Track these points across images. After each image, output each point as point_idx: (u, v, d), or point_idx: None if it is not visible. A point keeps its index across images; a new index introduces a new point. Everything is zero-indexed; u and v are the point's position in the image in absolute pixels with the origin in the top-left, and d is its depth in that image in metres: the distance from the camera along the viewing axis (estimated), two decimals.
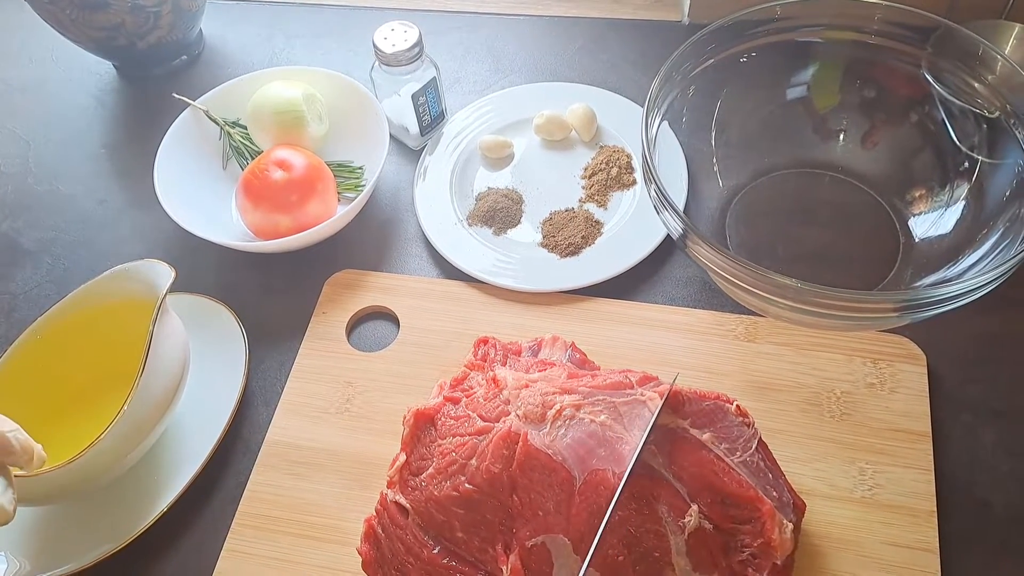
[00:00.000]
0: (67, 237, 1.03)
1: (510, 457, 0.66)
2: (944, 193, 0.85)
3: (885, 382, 0.79)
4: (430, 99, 1.00)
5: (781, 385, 0.80)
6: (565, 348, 0.78)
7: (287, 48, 1.20)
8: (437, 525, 0.68)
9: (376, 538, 0.70)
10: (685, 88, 0.85)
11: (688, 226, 0.72)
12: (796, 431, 0.77)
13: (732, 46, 0.85)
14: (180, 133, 0.99)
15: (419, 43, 0.95)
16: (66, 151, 1.12)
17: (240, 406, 0.83)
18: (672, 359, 0.82)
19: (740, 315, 0.84)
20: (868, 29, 0.84)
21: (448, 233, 0.94)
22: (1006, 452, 0.76)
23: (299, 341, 0.88)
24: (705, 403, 0.69)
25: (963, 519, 0.72)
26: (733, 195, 0.93)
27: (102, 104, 1.17)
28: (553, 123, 1.01)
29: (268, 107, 0.97)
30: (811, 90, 0.90)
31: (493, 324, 0.87)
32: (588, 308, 0.87)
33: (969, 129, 0.83)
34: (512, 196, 0.97)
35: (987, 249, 0.76)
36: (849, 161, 0.92)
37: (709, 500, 0.65)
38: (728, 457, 0.66)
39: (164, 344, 0.76)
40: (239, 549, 0.75)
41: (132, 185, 1.06)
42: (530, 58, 1.13)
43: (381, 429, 0.80)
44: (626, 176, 0.97)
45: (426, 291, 0.90)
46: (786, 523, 0.65)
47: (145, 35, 1.10)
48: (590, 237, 0.92)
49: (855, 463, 0.75)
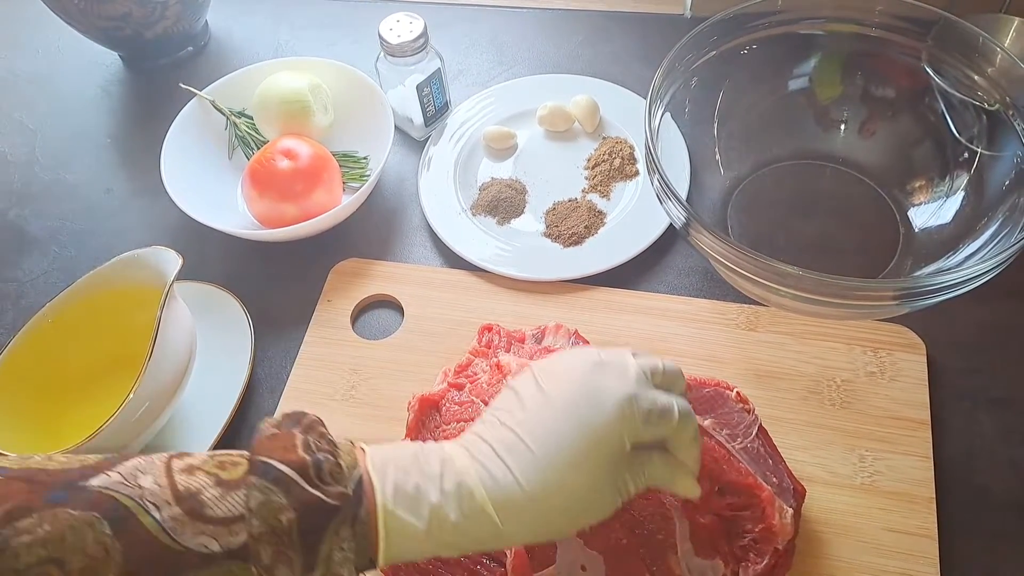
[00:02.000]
0: (74, 225, 1.03)
1: None
2: (944, 184, 0.86)
3: (885, 370, 0.79)
4: (435, 90, 1.00)
5: (782, 373, 0.80)
6: (568, 336, 0.78)
7: (293, 39, 1.20)
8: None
9: None
10: (687, 80, 0.86)
11: (691, 215, 0.73)
12: (797, 419, 0.78)
13: (734, 38, 0.86)
14: (186, 123, 1.00)
15: (424, 34, 0.96)
16: (73, 141, 1.13)
17: (246, 393, 0.84)
18: (674, 347, 0.83)
19: (741, 304, 0.85)
20: (869, 22, 0.85)
21: (452, 223, 0.95)
22: (1005, 440, 0.77)
23: (304, 329, 0.89)
24: (706, 390, 0.70)
25: (962, 506, 0.73)
26: (735, 186, 0.93)
27: (108, 94, 1.18)
28: (556, 114, 1.01)
29: (274, 97, 0.98)
30: (812, 82, 0.91)
31: (496, 313, 0.87)
32: (591, 297, 0.88)
33: (969, 121, 0.84)
34: (515, 186, 0.98)
35: (986, 238, 0.76)
36: (850, 152, 0.92)
37: (708, 487, 0.66)
38: (729, 443, 0.67)
39: (171, 330, 0.77)
40: None
41: (138, 174, 1.07)
42: (533, 50, 1.14)
43: (386, 416, 0.81)
44: (628, 167, 0.98)
45: (430, 280, 0.91)
46: (786, 508, 0.65)
47: (152, 25, 1.11)
48: (593, 227, 0.93)
49: (855, 450, 0.75)
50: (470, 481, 0.52)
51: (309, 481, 0.48)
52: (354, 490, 0.50)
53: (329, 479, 0.49)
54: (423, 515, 0.51)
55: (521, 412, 0.55)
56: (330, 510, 0.48)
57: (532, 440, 0.53)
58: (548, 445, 0.53)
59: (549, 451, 0.53)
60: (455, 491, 0.51)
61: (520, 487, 0.52)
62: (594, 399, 0.54)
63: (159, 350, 0.74)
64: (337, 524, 0.48)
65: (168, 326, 0.76)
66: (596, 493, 0.54)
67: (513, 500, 0.52)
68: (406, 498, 0.51)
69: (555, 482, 0.52)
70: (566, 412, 0.54)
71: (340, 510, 0.48)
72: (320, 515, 0.48)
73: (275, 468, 0.48)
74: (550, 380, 0.56)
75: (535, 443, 0.53)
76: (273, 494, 0.47)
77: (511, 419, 0.55)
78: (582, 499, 0.53)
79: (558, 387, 0.55)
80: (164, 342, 0.75)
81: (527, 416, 0.54)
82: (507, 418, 0.55)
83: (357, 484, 0.50)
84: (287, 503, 0.47)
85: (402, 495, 0.51)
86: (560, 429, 0.53)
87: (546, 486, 0.52)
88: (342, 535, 0.48)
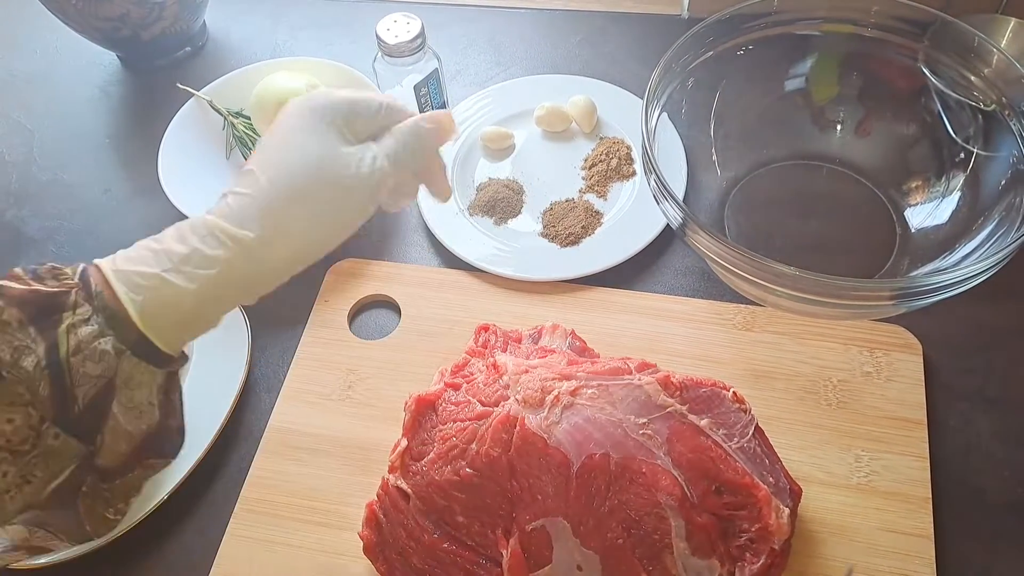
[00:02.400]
0: (71, 226, 1.03)
1: (508, 441, 0.67)
2: (940, 184, 0.86)
3: (881, 371, 0.79)
4: (432, 90, 1.00)
5: (778, 373, 0.80)
6: (565, 336, 0.78)
7: (290, 39, 1.20)
8: (438, 510, 0.69)
9: (377, 523, 0.71)
10: (684, 80, 0.86)
11: (688, 215, 0.73)
12: (793, 419, 0.78)
13: (730, 39, 0.86)
14: (184, 123, 1.00)
15: (421, 35, 0.96)
16: (71, 141, 1.13)
17: (243, 393, 0.84)
18: (670, 347, 0.83)
19: (738, 304, 0.85)
20: (865, 22, 0.85)
21: (449, 223, 0.95)
22: (1000, 440, 0.77)
23: (301, 329, 0.89)
24: (703, 390, 0.70)
25: (958, 506, 0.73)
26: (732, 186, 0.93)
27: (106, 94, 1.18)
28: (554, 114, 1.02)
29: (271, 97, 0.98)
30: (809, 82, 0.91)
31: (493, 313, 0.87)
32: (588, 297, 0.88)
33: (965, 121, 0.84)
34: (513, 186, 0.98)
35: (982, 239, 0.76)
36: (846, 153, 0.93)
37: (705, 486, 0.66)
38: (726, 443, 0.67)
39: None
40: (242, 533, 0.76)
41: (136, 174, 1.07)
42: (531, 50, 1.14)
43: (383, 415, 0.81)
44: (626, 167, 0.98)
45: (427, 280, 0.91)
46: (782, 508, 0.65)
47: (149, 26, 1.11)
48: (590, 227, 0.93)
49: (851, 450, 0.76)
50: (200, 217, 0.54)
51: (24, 284, 0.50)
52: (80, 275, 0.51)
53: (50, 280, 0.51)
54: (154, 261, 0.52)
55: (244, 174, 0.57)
56: (55, 295, 0.50)
57: (256, 165, 0.56)
58: (268, 159, 0.56)
59: (269, 159, 0.55)
60: (184, 233, 0.53)
61: (251, 197, 0.54)
62: (299, 110, 0.57)
63: None
64: (72, 305, 0.50)
65: None
66: (324, 177, 0.56)
67: (245, 210, 0.54)
68: (133, 259, 0.52)
69: (283, 177, 0.55)
70: (279, 136, 0.57)
71: (67, 294, 0.50)
72: (46, 302, 0.49)
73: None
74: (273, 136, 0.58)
75: (257, 165, 0.55)
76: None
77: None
78: (312, 185, 0.55)
79: (271, 134, 0.58)
80: None
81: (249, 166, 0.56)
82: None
83: (82, 272, 0.52)
84: (3, 305, 0.49)
85: (128, 259, 0.52)
86: (275, 145, 0.56)
87: (273, 184, 0.54)
88: (80, 312, 0.50)
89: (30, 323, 0.49)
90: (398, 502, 0.71)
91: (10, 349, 0.48)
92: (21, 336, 0.48)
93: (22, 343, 0.48)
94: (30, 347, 0.48)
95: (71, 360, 0.49)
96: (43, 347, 0.48)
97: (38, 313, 0.49)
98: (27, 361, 0.48)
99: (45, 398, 0.48)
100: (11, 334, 0.48)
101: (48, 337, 0.49)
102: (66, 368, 0.49)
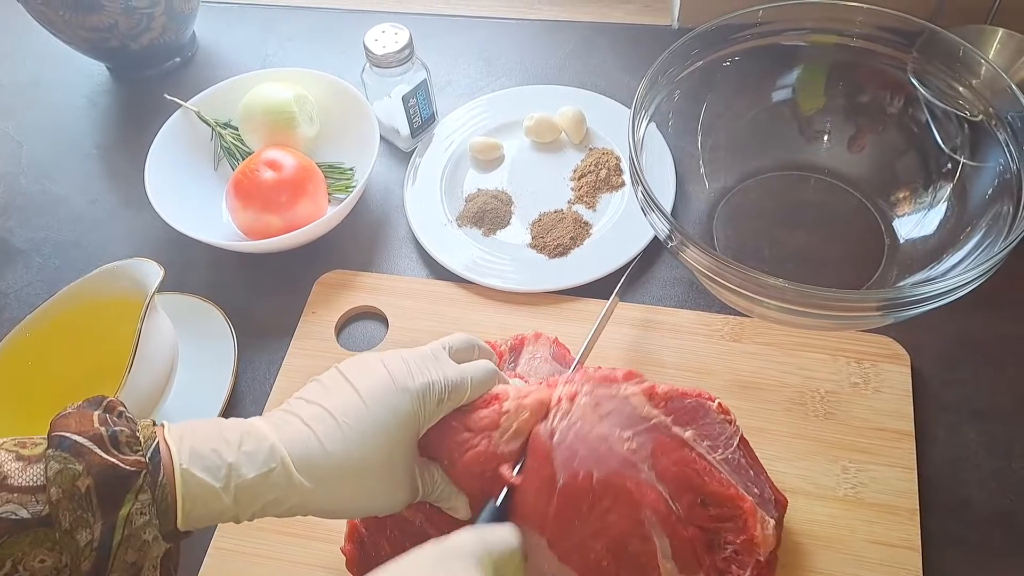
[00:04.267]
0: (58, 236, 1.03)
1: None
2: (928, 194, 0.86)
3: (869, 382, 0.79)
4: (420, 101, 1.00)
5: (766, 384, 0.80)
6: (549, 344, 0.78)
7: (279, 50, 1.20)
8: (416, 525, 0.68)
9: (360, 537, 0.70)
10: (672, 91, 0.86)
11: (675, 228, 0.73)
12: (780, 430, 0.77)
13: (717, 50, 0.86)
14: (171, 134, 1.00)
15: (409, 45, 0.96)
16: (58, 151, 1.12)
17: (228, 405, 0.84)
18: (658, 359, 0.83)
19: (726, 315, 0.85)
20: (851, 33, 0.85)
21: (438, 234, 0.95)
22: (988, 452, 0.76)
23: (288, 341, 0.88)
24: (687, 401, 0.69)
25: (945, 518, 0.73)
26: (720, 197, 0.93)
27: (95, 105, 1.17)
28: (543, 125, 1.01)
29: (259, 108, 0.98)
30: (796, 93, 0.91)
31: (481, 324, 0.87)
32: (576, 308, 0.87)
33: (952, 131, 0.84)
34: (501, 197, 0.98)
35: (969, 249, 0.76)
36: (834, 163, 0.93)
37: (691, 499, 0.65)
38: (710, 454, 0.67)
39: (152, 342, 0.76)
40: (225, 547, 0.76)
41: (123, 185, 1.07)
42: (521, 61, 1.14)
43: None
44: (615, 178, 0.98)
45: (415, 291, 0.91)
46: (768, 519, 0.65)
47: (138, 36, 1.10)
48: (579, 238, 0.93)
49: (838, 462, 0.75)
50: (271, 441, 0.55)
51: (104, 449, 0.50)
52: (151, 456, 0.52)
53: (126, 449, 0.51)
54: (219, 474, 0.53)
55: (327, 394, 0.59)
56: (126, 476, 0.50)
57: (337, 412, 0.57)
58: (350, 416, 0.57)
59: (350, 421, 0.57)
60: (254, 451, 0.54)
61: (323, 448, 0.56)
62: (396, 385, 0.59)
63: (139, 362, 0.73)
64: (136, 489, 0.50)
65: (149, 338, 0.75)
66: (391, 468, 0.59)
67: (313, 459, 0.55)
68: (202, 458, 0.53)
69: (356, 447, 0.56)
70: (368, 393, 0.58)
71: (137, 475, 0.50)
72: (117, 481, 0.50)
73: (70, 439, 0.50)
74: (354, 371, 0.60)
75: (339, 414, 0.57)
76: (69, 462, 0.49)
77: (317, 398, 0.59)
78: (378, 469, 0.58)
79: (362, 377, 0.60)
80: (144, 354, 0.74)
81: (332, 396, 0.59)
82: (313, 398, 0.59)
83: (154, 451, 0.52)
84: (82, 470, 0.49)
85: (198, 456, 0.53)
86: (361, 404, 0.58)
87: (347, 449, 0.56)
88: (142, 500, 0.50)
89: (96, 497, 0.49)
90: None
91: (71, 517, 0.48)
92: (84, 507, 0.49)
93: (83, 516, 0.49)
94: (88, 521, 0.49)
95: (118, 549, 0.50)
96: (99, 527, 0.49)
97: (108, 491, 0.50)
98: (81, 536, 0.49)
99: (82, 572, 0.49)
100: (77, 502, 0.49)
101: (108, 518, 0.49)
102: (112, 555, 0.50)
